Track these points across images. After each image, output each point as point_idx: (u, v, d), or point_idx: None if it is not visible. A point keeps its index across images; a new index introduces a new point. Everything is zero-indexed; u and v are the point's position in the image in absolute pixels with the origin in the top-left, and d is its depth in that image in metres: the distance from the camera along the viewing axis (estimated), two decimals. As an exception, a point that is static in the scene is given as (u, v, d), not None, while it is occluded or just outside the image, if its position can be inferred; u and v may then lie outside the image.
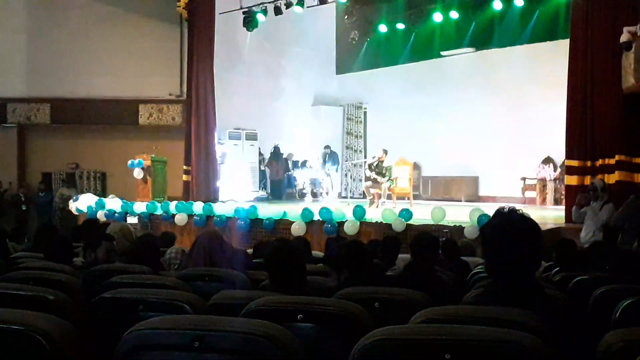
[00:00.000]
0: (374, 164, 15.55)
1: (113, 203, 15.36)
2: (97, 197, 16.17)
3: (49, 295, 3.09)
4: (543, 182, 17.65)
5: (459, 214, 11.74)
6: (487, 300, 2.70)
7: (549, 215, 13.77)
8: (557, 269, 5.82)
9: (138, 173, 16.54)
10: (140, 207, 14.85)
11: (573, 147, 11.90)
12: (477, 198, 19.11)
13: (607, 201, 9.48)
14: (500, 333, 1.97)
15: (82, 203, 15.90)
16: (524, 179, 18.19)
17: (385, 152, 15.63)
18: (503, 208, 2.86)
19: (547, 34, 17.61)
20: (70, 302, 3.13)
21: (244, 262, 5.27)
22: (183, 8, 17.76)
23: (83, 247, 6.59)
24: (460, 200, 18.41)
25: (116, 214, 14.82)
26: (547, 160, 17.61)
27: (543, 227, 10.20)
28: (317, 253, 7.28)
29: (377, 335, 2.04)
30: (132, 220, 14.47)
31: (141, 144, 17.89)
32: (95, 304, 3.19)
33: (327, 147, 22.54)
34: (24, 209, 19.24)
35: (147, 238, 5.93)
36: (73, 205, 16.31)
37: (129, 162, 16.61)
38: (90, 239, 6.43)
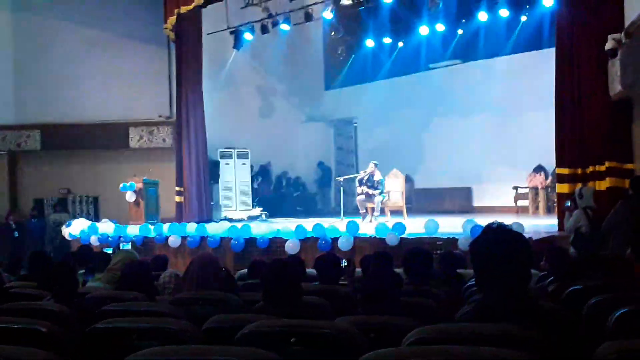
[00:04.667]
0: (365, 178, 15.55)
1: (106, 227, 15.31)
2: (90, 222, 16.11)
3: (41, 327, 3.07)
4: (535, 190, 17.69)
5: (453, 226, 11.76)
6: (478, 316, 2.70)
7: (542, 223, 13.78)
8: (551, 278, 5.81)
9: (130, 196, 16.49)
10: (133, 230, 14.81)
11: (563, 155, 11.91)
12: (470, 208, 19.13)
13: (585, 208, 9.54)
14: (491, 352, 1.97)
15: (75, 228, 15.83)
16: (516, 188, 18.21)
17: (376, 164, 15.63)
18: (492, 224, 2.87)
19: (533, 43, 17.74)
20: (63, 333, 3.12)
21: (236, 285, 5.26)
22: (170, 30, 17.77)
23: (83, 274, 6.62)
24: (454, 212, 18.40)
25: (109, 238, 14.77)
26: (539, 169, 17.66)
27: (536, 236, 10.31)
28: (311, 271, 7.26)
29: (369, 358, 2.04)
30: (125, 246, 14.39)
31: (132, 166, 17.87)
32: (89, 335, 3.18)
33: (320, 163, 22.60)
34: (16, 236, 19.11)
35: (138, 263, 5.91)
36: (66, 231, 16.23)
37: (121, 185, 16.56)
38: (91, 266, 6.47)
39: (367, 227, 12.86)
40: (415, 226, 12.12)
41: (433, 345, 2.25)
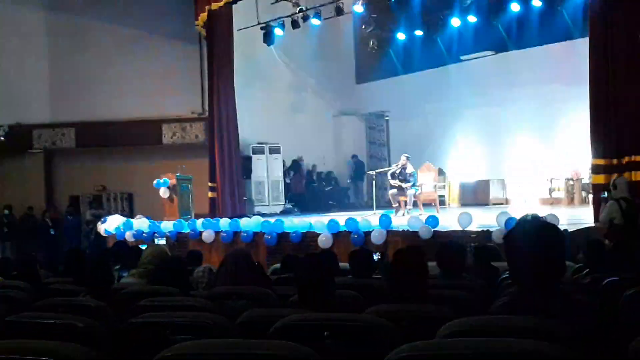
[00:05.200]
0: (397, 172, 15.49)
1: (141, 223, 15.44)
2: (125, 218, 16.27)
3: (78, 322, 3.12)
4: (570, 181, 17.49)
5: (487, 218, 11.69)
6: (513, 309, 2.68)
7: (577, 215, 13.63)
8: (587, 270, 5.75)
9: (164, 192, 16.61)
10: (167, 225, 14.93)
11: (598, 145, 11.77)
12: (504, 201, 18.99)
13: (619, 199, 9.44)
14: (526, 345, 1.96)
15: (111, 224, 15.99)
16: (550, 179, 18.02)
17: (407, 157, 15.56)
18: (527, 215, 2.85)
19: (566, 34, 17.51)
20: (99, 328, 3.16)
21: (269, 279, 5.29)
22: (201, 27, 17.88)
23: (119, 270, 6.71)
24: (488, 204, 18.28)
25: (144, 234, 14.90)
26: (574, 160, 17.43)
27: (571, 228, 10.20)
28: (344, 265, 7.27)
29: (403, 351, 2.03)
30: (159, 241, 14.51)
31: (166, 163, 18.01)
32: (124, 329, 3.22)
33: (354, 156, 22.55)
34: (52, 233, 19.40)
35: (173, 258, 5.97)
36: (101, 227, 16.41)
37: (155, 181, 16.69)
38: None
39: (400, 221, 12.81)
40: (449, 219, 12.06)
41: (468, 337, 2.25)
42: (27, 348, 2.32)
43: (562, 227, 3.86)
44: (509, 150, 18.79)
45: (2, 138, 19.85)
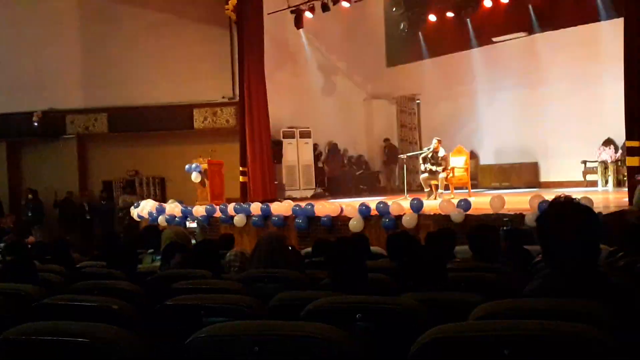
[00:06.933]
0: (429, 155, 15.42)
1: (173, 208, 15.57)
2: (157, 203, 16.40)
3: (113, 305, 3.16)
4: (604, 164, 17.25)
5: (520, 202, 11.59)
6: (546, 291, 2.66)
7: (611, 198, 13.48)
8: (622, 253, 5.68)
9: (196, 177, 16.72)
10: (199, 210, 15.03)
11: (633, 127, 11.59)
12: (537, 184, 18.83)
13: None
14: (560, 326, 1.95)
15: (143, 209, 16.15)
16: (584, 162, 17.81)
17: (439, 141, 15.48)
18: (559, 197, 2.82)
19: (601, 14, 17.22)
20: (134, 311, 3.20)
21: (302, 263, 5.30)
22: (231, 11, 17.87)
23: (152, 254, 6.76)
24: (520, 187, 18.14)
25: (176, 219, 15.02)
26: (608, 142, 17.21)
27: (605, 211, 10.09)
28: (375, 249, 7.27)
29: (435, 333, 2.03)
30: (191, 224, 14.64)
31: (197, 147, 18.11)
32: (158, 312, 3.25)
33: (386, 140, 22.45)
34: (87, 218, 19.64)
35: (206, 242, 6.01)
36: (134, 212, 16.57)
37: (186, 166, 16.81)
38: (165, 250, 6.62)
39: (432, 205, 12.76)
40: (481, 202, 11.98)
41: (501, 320, 2.24)
42: (63, 330, 2.35)
43: (596, 210, 3.81)
44: (542, 133, 18.60)
45: (36, 124, 20.10)
